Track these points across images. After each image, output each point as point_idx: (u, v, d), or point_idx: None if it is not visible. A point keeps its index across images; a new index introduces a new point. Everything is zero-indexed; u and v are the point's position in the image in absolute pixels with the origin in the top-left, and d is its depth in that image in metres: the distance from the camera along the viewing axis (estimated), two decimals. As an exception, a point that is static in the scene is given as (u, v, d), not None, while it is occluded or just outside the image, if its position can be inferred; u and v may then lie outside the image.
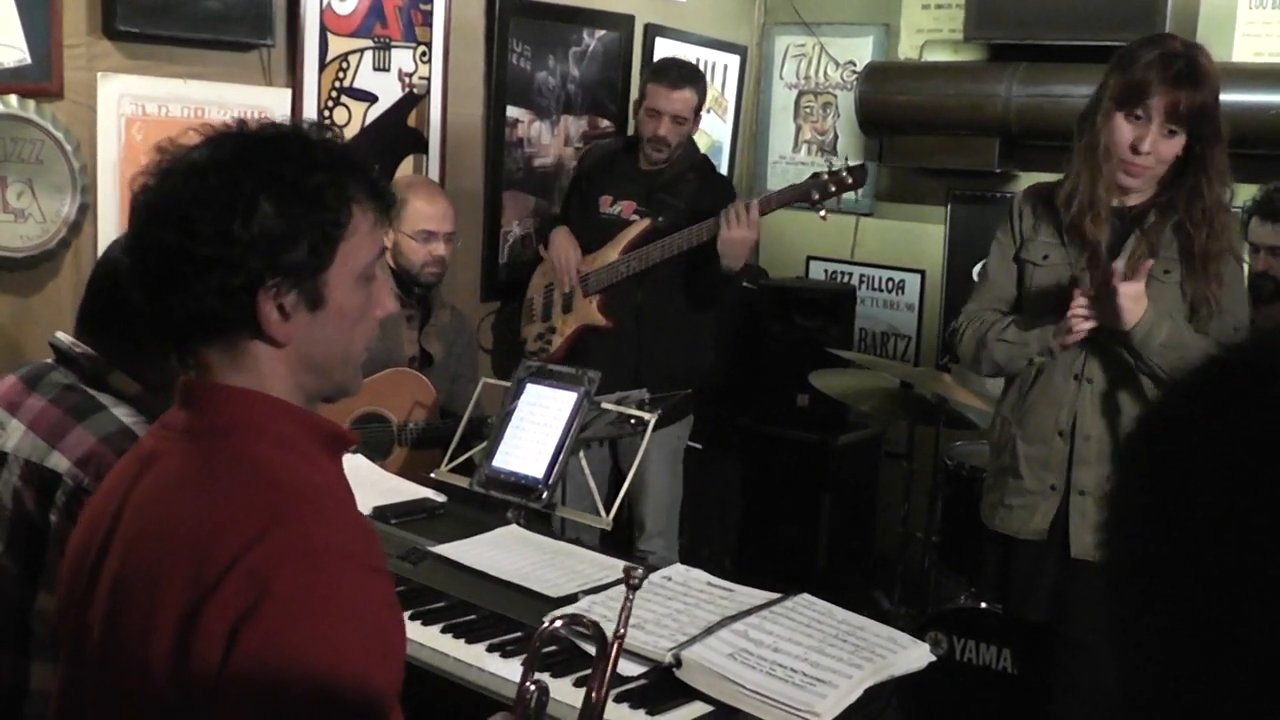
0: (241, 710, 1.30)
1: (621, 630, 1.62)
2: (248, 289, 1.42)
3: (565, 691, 2.04)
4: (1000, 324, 2.95)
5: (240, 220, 1.40)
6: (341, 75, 4.01)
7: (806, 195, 4.06)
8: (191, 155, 1.47)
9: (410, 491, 2.97)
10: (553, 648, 2.21)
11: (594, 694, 1.61)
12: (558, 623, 1.58)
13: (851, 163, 4.11)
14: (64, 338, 2.14)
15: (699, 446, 4.47)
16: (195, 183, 1.43)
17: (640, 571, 1.66)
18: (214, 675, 1.30)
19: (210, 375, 1.50)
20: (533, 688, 1.57)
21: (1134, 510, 0.74)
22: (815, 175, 4.09)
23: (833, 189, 4.04)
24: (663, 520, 4.20)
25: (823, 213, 4.17)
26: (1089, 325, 2.78)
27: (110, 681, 1.44)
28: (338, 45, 3.98)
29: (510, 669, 2.13)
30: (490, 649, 2.20)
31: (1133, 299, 2.70)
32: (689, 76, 4.19)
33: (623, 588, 2.39)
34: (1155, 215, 2.84)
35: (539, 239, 4.49)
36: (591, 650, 2.09)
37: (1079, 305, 2.77)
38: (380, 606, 1.40)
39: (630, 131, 5.05)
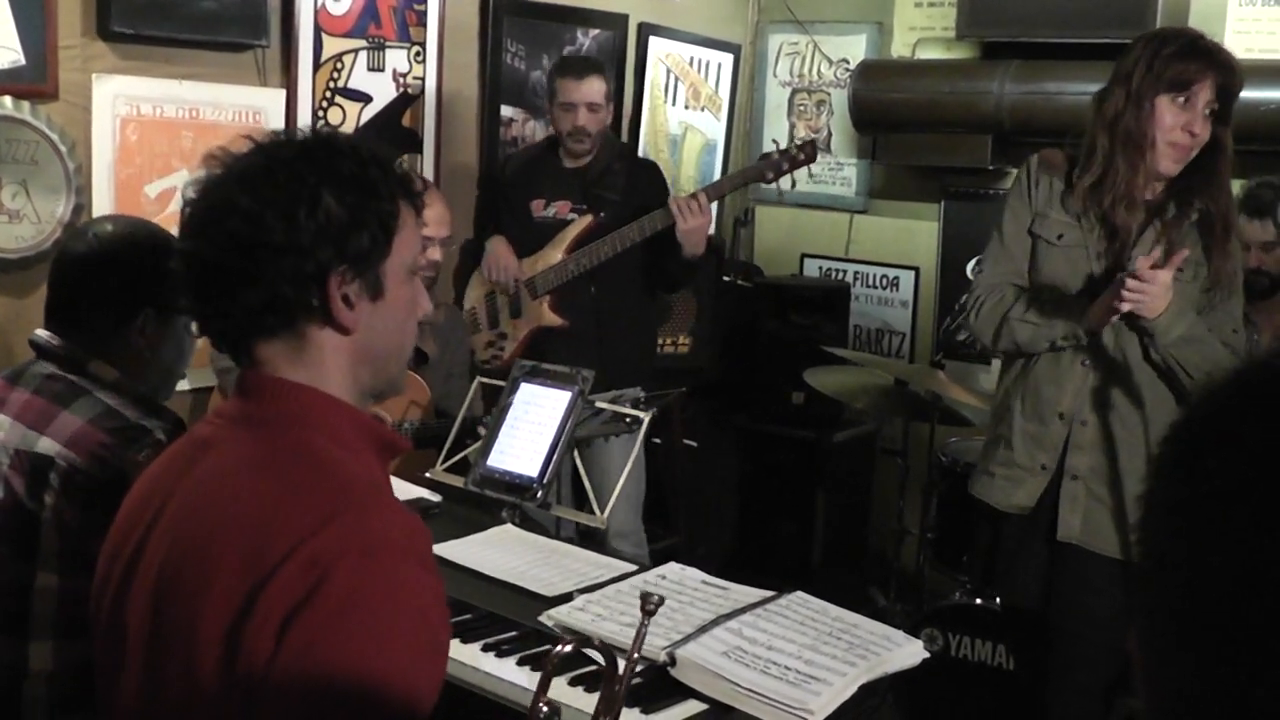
0: (290, 696, 1.32)
1: (635, 655, 1.63)
2: (318, 276, 1.48)
3: (562, 691, 2.05)
4: (1022, 302, 2.94)
5: (306, 209, 1.46)
6: (336, 75, 4.02)
7: (761, 176, 4.18)
8: (246, 160, 1.52)
9: (405, 491, 2.97)
10: (546, 647, 2.22)
11: (604, 718, 1.62)
12: (569, 647, 1.58)
13: (801, 140, 4.16)
14: (41, 333, 2.21)
15: (694, 444, 4.47)
16: (258, 181, 1.48)
17: (657, 598, 1.66)
18: (265, 660, 1.32)
19: (269, 370, 1.54)
20: (545, 708, 1.58)
21: (1168, 513, 0.74)
22: (765, 155, 4.18)
23: (785, 167, 4.12)
24: (629, 520, 4.20)
25: (778, 190, 4.22)
26: (1113, 316, 2.79)
27: (156, 663, 1.45)
28: (332, 45, 3.99)
29: (505, 668, 2.14)
30: (485, 648, 2.20)
31: (1165, 288, 2.71)
32: (593, 66, 4.23)
33: (619, 587, 2.42)
34: (1174, 207, 2.86)
35: (470, 259, 4.40)
36: (594, 655, 2.10)
37: (1125, 291, 2.72)
38: (433, 603, 1.42)
39: (624, 132, 5.07)
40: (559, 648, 1.57)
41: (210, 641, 1.36)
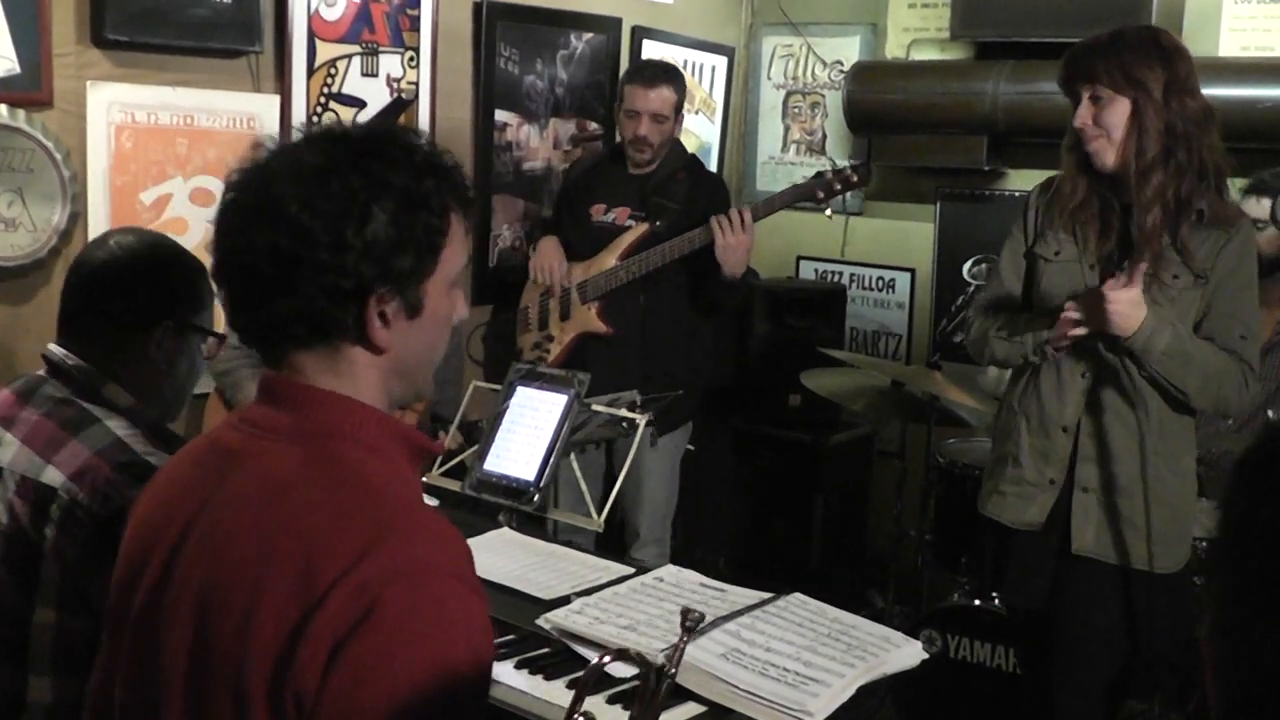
0: None
1: (672, 670, 1.63)
2: (357, 295, 1.42)
3: (558, 694, 2.05)
4: (1001, 320, 2.99)
5: (354, 227, 1.40)
6: (330, 81, 4.02)
7: (811, 194, 4.11)
8: (301, 156, 1.45)
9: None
10: (545, 650, 2.22)
11: None
12: (608, 658, 1.59)
13: (854, 161, 4.11)
14: (56, 349, 2.13)
15: (691, 447, 4.47)
16: (309, 186, 1.42)
17: (697, 614, 1.66)
18: (314, 690, 1.28)
19: (300, 377, 1.48)
20: (580, 718, 1.58)
21: (1243, 514, 0.85)
22: (820, 174, 4.12)
23: (838, 187, 4.08)
24: (657, 528, 4.20)
25: (829, 212, 4.20)
26: (1078, 333, 2.79)
27: (202, 690, 1.39)
28: (325, 51, 3.99)
29: (504, 672, 2.14)
30: (484, 652, 2.20)
31: (1130, 305, 2.69)
32: (666, 75, 4.19)
33: (616, 590, 2.42)
34: (1158, 213, 2.85)
35: (530, 248, 4.45)
36: (587, 656, 2.10)
37: (1070, 312, 2.78)
38: (480, 627, 1.38)
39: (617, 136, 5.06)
40: (602, 658, 1.58)
41: (259, 671, 1.32)
